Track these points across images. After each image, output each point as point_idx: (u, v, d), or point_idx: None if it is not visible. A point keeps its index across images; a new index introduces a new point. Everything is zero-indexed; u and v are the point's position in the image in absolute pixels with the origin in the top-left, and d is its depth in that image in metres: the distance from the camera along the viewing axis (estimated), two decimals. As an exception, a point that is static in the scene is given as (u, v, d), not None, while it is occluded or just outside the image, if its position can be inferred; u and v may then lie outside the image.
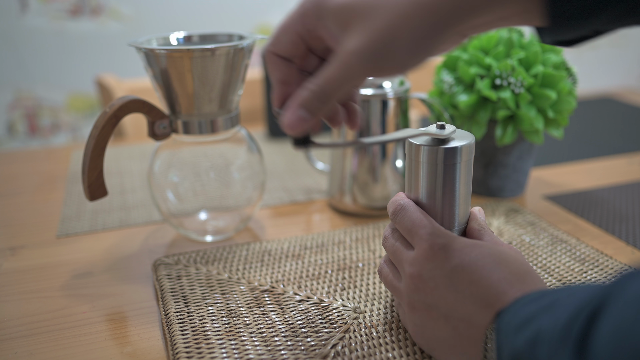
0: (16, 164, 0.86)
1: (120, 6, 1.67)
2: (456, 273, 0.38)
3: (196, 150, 0.60)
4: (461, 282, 0.37)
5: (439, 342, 0.39)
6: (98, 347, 0.45)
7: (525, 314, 0.32)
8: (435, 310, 0.38)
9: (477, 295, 0.36)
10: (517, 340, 0.31)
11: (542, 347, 0.29)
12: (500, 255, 0.38)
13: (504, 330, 0.33)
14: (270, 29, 1.82)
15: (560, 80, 0.61)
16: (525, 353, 0.30)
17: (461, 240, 0.39)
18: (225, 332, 0.44)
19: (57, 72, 1.68)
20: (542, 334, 0.30)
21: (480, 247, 0.39)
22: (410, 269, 0.40)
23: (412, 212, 0.42)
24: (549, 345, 0.29)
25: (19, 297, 0.52)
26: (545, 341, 0.29)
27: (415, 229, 0.41)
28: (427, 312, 0.39)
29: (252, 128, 1.00)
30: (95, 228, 0.64)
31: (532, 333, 0.31)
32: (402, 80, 0.63)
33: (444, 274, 0.38)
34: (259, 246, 0.58)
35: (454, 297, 0.37)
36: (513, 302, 0.34)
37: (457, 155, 0.42)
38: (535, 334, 0.30)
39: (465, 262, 0.38)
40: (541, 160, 0.81)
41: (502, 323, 0.34)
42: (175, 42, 0.58)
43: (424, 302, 0.39)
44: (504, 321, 0.33)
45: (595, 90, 1.25)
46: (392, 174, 0.64)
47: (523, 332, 0.31)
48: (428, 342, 0.40)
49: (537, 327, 0.30)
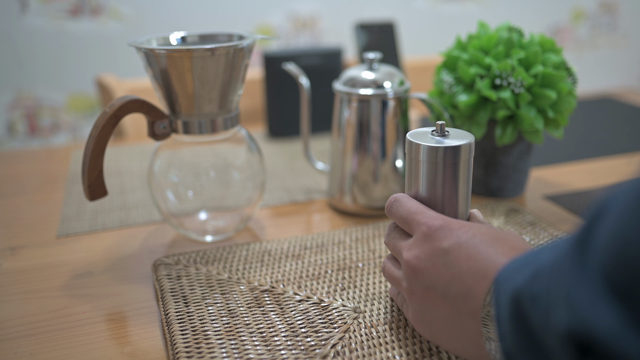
0: (16, 164, 0.86)
1: (120, 6, 1.67)
2: (453, 251, 0.38)
3: (196, 150, 0.60)
4: (457, 259, 0.37)
5: (439, 324, 0.39)
6: (98, 347, 0.45)
7: (522, 259, 0.32)
8: (433, 291, 0.38)
9: (474, 269, 0.36)
10: (517, 280, 0.31)
11: (542, 278, 0.29)
12: (498, 234, 0.38)
13: (501, 280, 0.33)
14: (270, 29, 1.82)
15: (560, 80, 0.61)
16: (525, 288, 0.30)
17: (458, 221, 0.40)
18: (225, 332, 0.44)
19: (57, 72, 1.67)
20: (542, 268, 0.29)
21: (478, 227, 0.39)
22: (408, 253, 0.40)
23: (406, 202, 0.43)
24: (549, 273, 0.28)
25: (19, 297, 0.52)
26: (545, 272, 0.29)
27: (411, 216, 0.41)
28: (425, 294, 0.39)
29: (252, 128, 1.00)
30: (95, 228, 0.64)
31: (532, 269, 0.30)
32: (402, 80, 0.63)
33: (440, 253, 0.38)
34: (259, 246, 0.58)
35: (451, 274, 0.37)
36: (509, 262, 0.34)
37: (457, 154, 0.42)
38: (535, 268, 0.30)
39: (462, 240, 0.38)
40: (541, 160, 0.81)
41: (498, 277, 0.33)
42: (175, 42, 0.58)
43: (422, 285, 0.39)
44: (500, 275, 0.33)
45: (595, 90, 1.25)
46: (392, 174, 0.64)
47: (522, 272, 0.31)
48: (428, 325, 0.40)
49: (537, 264, 0.30)
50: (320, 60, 0.92)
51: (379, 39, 0.96)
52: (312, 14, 1.85)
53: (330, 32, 1.88)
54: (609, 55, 2.27)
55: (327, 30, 1.88)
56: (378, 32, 0.97)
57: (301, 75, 0.67)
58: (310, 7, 1.84)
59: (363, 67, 0.64)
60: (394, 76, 0.63)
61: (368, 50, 0.94)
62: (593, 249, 0.25)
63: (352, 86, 0.62)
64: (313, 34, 1.87)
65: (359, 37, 0.95)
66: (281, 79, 0.90)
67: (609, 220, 0.25)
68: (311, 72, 0.91)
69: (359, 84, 0.62)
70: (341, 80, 0.64)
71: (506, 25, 0.66)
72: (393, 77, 0.62)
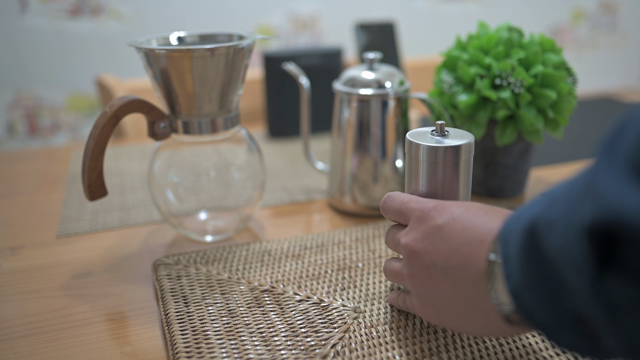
0: (16, 164, 0.86)
1: (120, 6, 1.67)
2: (448, 225, 0.38)
3: (196, 150, 0.60)
4: (453, 232, 0.37)
5: (443, 301, 0.38)
6: (98, 347, 0.45)
7: (528, 204, 0.32)
8: (434, 268, 0.38)
9: (469, 238, 0.36)
10: (530, 213, 0.30)
11: (559, 205, 0.28)
12: (490, 207, 0.39)
13: (508, 226, 0.33)
14: (270, 29, 1.82)
15: (560, 80, 0.61)
16: (541, 215, 0.29)
17: (450, 201, 0.41)
18: (225, 332, 0.44)
19: (57, 72, 1.67)
20: (559, 196, 0.29)
21: (470, 203, 0.40)
22: (405, 238, 0.40)
23: (398, 195, 0.44)
24: (567, 197, 0.28)
25: (19, 297, 0.52)
26: (562, 199, 0.28)
27: (404, 205, 0.42)
28: (426, 273, 0.39)
29: (252, 128, 1.00)
30: (95, 228, 0.64)
31: (548, 199, 0.30)
32: (402, 80, 0.63)
33: (435, 229, 0.38)
34: (259, 246, 0.58)
35: (449, 247, 0.37)
36: (514, 213, 0.34)
37: (457, 154, 0.42)
38: (551, 198, 0.30)
39: (455, 214, 0.38)
40: (541, 160, 0.81)
41: (505, 225, 0.33)
42: (175, 42, 0.58)
43: (423, 265, 0.39)
44: (508, 222, 0.33)
45: (595, 90, 1.25)
46: (392, 173, 0.64)
47: (535, 206, 0.30)
48: (433, 305, 0.39)
49: (552, 195, 0.30)
50: (320, 60, 0.92)
51: (379, 39, 0.96)
52: (312, 14, 1.85)
53: (330, 32, 1.88)
54: (609, 55, 2.27)
55: (327, 30, 1.88)
56: (378, 32, 0.97)
57: (301, 75, 0.67)
58: (310, 7, 1.84)
59: (363, 67, 0.64)
60: (394, 76, 0.63)
61: (368, 50, 0.94)
62: (621, 149, 0.25)
63: (352, 86, 0.62)
64: (313, 34, 1.87)
65: (359, 37, 0.95)
66: (281, 79, 0.90)
67: (635, 126, 0.25)
68: (311, 72, 0.91)
69: (359, 84, 0.62)
70: (341, 80, 0.64)
71: (506, 25, 0.66)
72: (393, 77, 0.62)
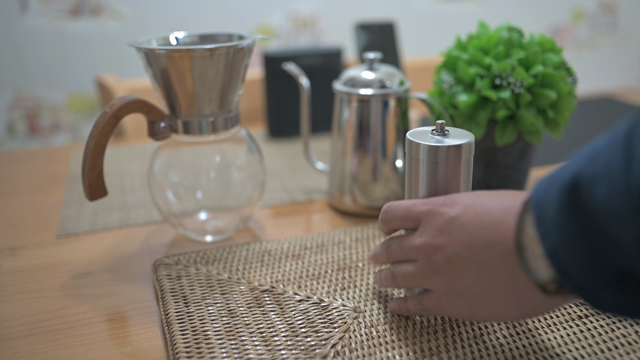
0: (16, 164, 0.86)
1: (120, 6, 1.67)
2: (461, 215, 0.38)
3: (196, 150, 0.60)
4: (468, 219, 0.38)
5: (472, 289, 0.38)
6: (98, 347, 0.45)
7: (554, 172, 0.33)
8: (457, 259, 0.38)
9: (486, 221, 0.36)
10: (570, 168, 0.31)
11: (600, 158, 0.28)
12: (499, 191, 0.39)
13: (539, 191, 0.33)
14: (270, 29, 1.82)
15: (560, 80, 0.61)
16: (584, 169, 0.29)
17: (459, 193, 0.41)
18: (225, 332, 0.44)
19: (57, 72, 1.67)
20: (600, 149, 0.29)
21: (478, 191, 0.40)
22: (420, 239, 0.40)
23: (399, 203, 0.44)
24: (607, 150, 0.28)
25: (19, 297, 0.52)
26: (604, 149, 0.28)
27: (411, 209, 0.42)
28: (450, 266, 0.38)
29: (252, 128, 1.00)
30: (95, 228, 0.64)
31: (588, 154, 0.30)
32: (402, 80, 0.63)
33: (450, 221, 0.38)
34: (259, 246, 0.58)
35: (467, 234, 0.37)
36: (538, 183, 0.34)
37: (457, 153, 0.42)
38: (592, 152, 0.30)
39: (467, 203, 0.38)
40: (541, 160, 0.81)
41: (533, 193, 0.33)
42: (175, 42, 0.58)
43: (445, 258, 0.38)
44: (535, 191, 0.33)
45: (595, 90, 1.25)
46: (392, 173, 0.64)
47: (575, 161, 0.31)
48: (463, 296, 0.39)
49: (593, 148, 0.30)
50: (320, 60, 0.92)
51: (379, 39, 0.96)
52: (312, 14, 1.85)
53: (330, 32, 1.88)
54: (609, 55, 2.27)
55: (327, 30, 1.88)
56: (378, 32, 0.97)
57: (301, 75, 0.67)
58: (310, 7, 1.84)
59: (363, 67, 0.64)
60: (394, 76, 0.63)
61: (368, 50, 0.94)
62: None
63: (352, 86, 0.62)
64: (313, 34, 1.87)
65: (359, 37, 0.95)
66: (281, 79, 0.90)
67: None
68: (311, 72, 0.91)
69: (359, 84, 0.62)
70: (341, 80, 0.64)
71: (506, 25, 0.66)
72: (393, 77, 0.62)
